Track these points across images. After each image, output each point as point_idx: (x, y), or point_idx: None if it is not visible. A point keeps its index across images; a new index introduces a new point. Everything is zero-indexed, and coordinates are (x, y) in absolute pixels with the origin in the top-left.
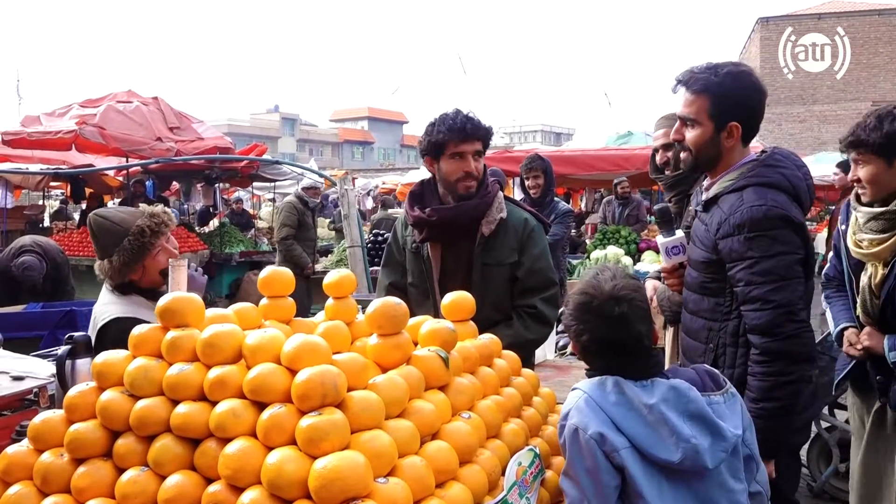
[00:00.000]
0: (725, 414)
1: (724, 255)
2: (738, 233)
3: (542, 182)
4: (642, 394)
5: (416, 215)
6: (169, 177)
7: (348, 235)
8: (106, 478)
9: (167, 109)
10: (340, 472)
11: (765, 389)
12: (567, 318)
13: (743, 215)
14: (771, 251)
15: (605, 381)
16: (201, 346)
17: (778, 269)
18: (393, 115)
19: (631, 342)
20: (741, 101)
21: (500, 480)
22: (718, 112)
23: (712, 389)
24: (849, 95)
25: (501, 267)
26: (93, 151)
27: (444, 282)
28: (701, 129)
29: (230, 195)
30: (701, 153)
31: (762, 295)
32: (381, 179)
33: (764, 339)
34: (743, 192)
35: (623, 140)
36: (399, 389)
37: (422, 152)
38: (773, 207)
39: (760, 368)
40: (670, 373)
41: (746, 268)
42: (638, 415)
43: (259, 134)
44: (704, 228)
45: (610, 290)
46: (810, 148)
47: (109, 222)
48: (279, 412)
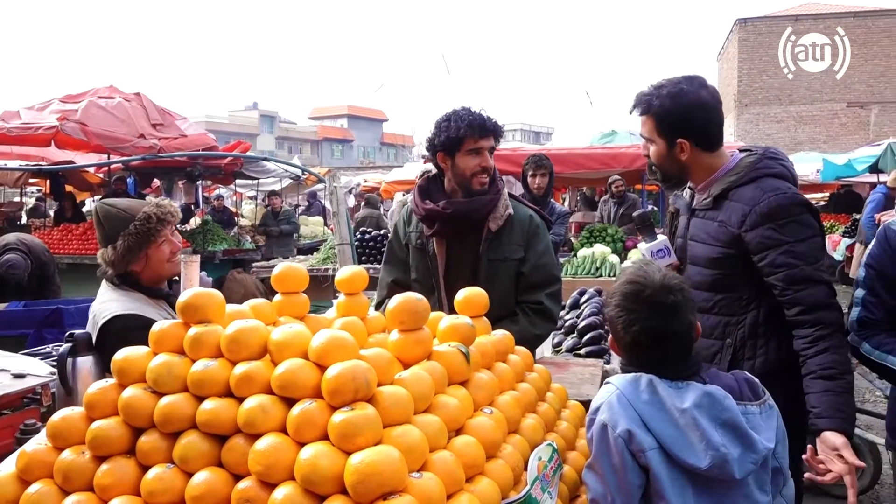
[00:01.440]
0: (760, 425)
1: (754, 245)
2: (767, 221)
3: (546, 181)
4: (675, 396)
5: (429, 208)
6: (150, 174)
7: (337, 233)
8: (129, 475)
9: (150, 105)
10: (377, 467)
11: (842, 361)
12: (614, 310)
13: (770, 203)
14: (803, 235)
15: (639, 379)
16: (226, 342)
17: (813, 251)
18: (373, 114)
19: (683, 332)
20: (682, 120)
21: (522, 475)
22: (664, 130)
23: (750, 399)
24: (824, 96)
25: (508, 263)
26: (73, 148)
27: (449, 278)
28: (656, 146)
29: (211, 192)
30: (662, 168)
31: (810, 274)
32: (362, 177)
33: (825, 312)
34: (759, 182)
35: (608, 139)
36: (425, 384)
37: (435, 148)
38: (795, 195)
39: (829, 342)
40: (708, 377)
41: (784, 252)
42: (668, 416)
43: (237, 131)
44: (718, 225)
45: (661, 280)
46: (787, 148)
47: (116, 209)
48: (310, 407)
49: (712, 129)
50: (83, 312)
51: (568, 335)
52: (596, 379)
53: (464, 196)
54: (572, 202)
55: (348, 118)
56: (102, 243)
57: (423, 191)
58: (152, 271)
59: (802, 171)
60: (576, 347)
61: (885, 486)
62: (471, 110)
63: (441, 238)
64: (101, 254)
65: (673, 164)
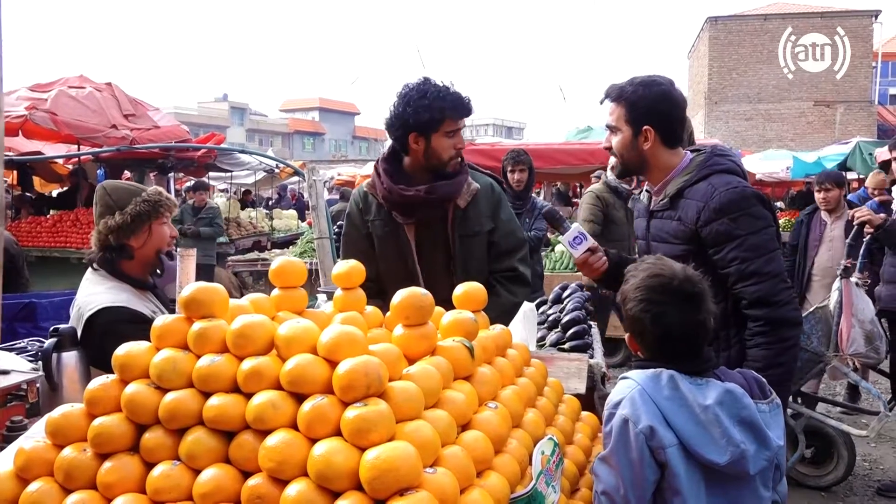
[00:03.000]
0: (770, 423)
1: (709, 240)
2: (720, 216)
3: (526, 177)
4: (697, 392)
5: (409, 195)
6: (121, 165)
7: (316, 227)
8: (134, 472)
9: (121, 96)
10: (393, 463)
11: (771, 357)
12: (639, 305)
13: (721, 199)
14: (755, 227)
15: (660, 374)
16: (232, 337)
17: (765, 243)
18: (345, 107)
19: (708, 321)
20: (651, 107)
21: (528, 469)
22: (632, 117)
23: (759, 397)
24: (792, 95)
25: (480, 236)
26: (41, 138)
27: (423, 262)
28: (621, 134)
29: (182, 185)
30: (624, 157)
31: (758, 269)
32: (335, 171)
33: (766, 310)
34: (709, 179)
35: (583, 135)
36: (434, 379)
37: (407, 127)
38: (745, 188)
39: (764, 339)
40: (721, 374)
41: (737, 247)
42: (690, 412)
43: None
44: (676, 223)
45: (682, 271)
46: (755, 145)
47: (125, 184)
48: (322, 403)
49: (676, 125)
50: (57, 306)
51: (551, 330)
52: (582, 373)
53: (432, 178)
54: (547, 197)
55: (320, 111)
56: (105, 214)
57: (392, 175)
58: (146, 253)
59: (772, 168)
60: (560, 342)
61: (858, 476)
62: (446, 88)
63: (411, 223)
64: (102, 224)
65: (635, 155)
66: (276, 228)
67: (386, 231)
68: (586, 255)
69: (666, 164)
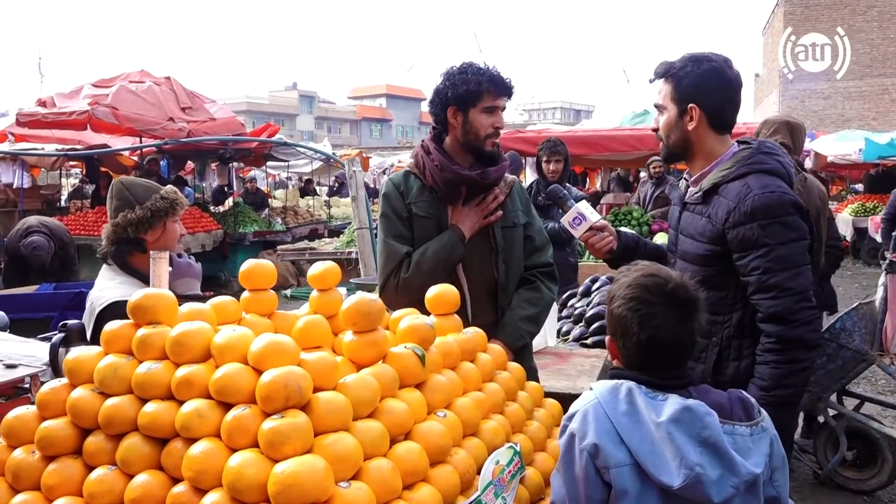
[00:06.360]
0: (748, 448)
1: (735, 244)
2: (750, 220)
3: (561, 167)
4: (653, 408)
5: (465, 174)
6: (184, 156)
7: (356, 217)
8: (75, 476)
9: (179, 89)
10: (298, 478)
11: (779, 377)
12: (627, 304)
13: (754, 202)
14: (785, 238)
15: (619, 388)
16: (170, 345)
17: (793, 256)
18: (411, 93)
19: (696, 334)
20: (698, 83)
21: (475, 480)
22: (678, 94)
23: (741, 419)
24: (874, 71)
25: (517, 228)
26: (107, 131)
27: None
28: (667, 113)
29: (245, 174)
30: (669, 138)
31: (779, 283)
32: (397, 157)
33: (780, 327)
34: (746, 178)
35: (639, 119)
36: (369, 389)
37: (446, 101)
38: (783, 194)
39: (774, 357)
40: (696, 391)
41: (761, 256)
42: (645, 428)
43: (277, 111)
44: (706, 221)
45: (679, 276)
46: (833, 125)
47: (141, 181)
48: (243, 413)
49: (726, 107)
50: None
51: (576, 324)
52: (595, 371)
53: (476, 159)
54: (604, 183)
55: (387, 97)
56: (124, 208)
57: (444, 154)
58: (160, 245)
59: (844, 150)
60: (583, 336)
61: None
62: (487, 66)
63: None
64: (121, 217)
65: (678, 136)
66: (334, 216)
67: (430, 213)
68: (588, 233)
69: (710, 150)
